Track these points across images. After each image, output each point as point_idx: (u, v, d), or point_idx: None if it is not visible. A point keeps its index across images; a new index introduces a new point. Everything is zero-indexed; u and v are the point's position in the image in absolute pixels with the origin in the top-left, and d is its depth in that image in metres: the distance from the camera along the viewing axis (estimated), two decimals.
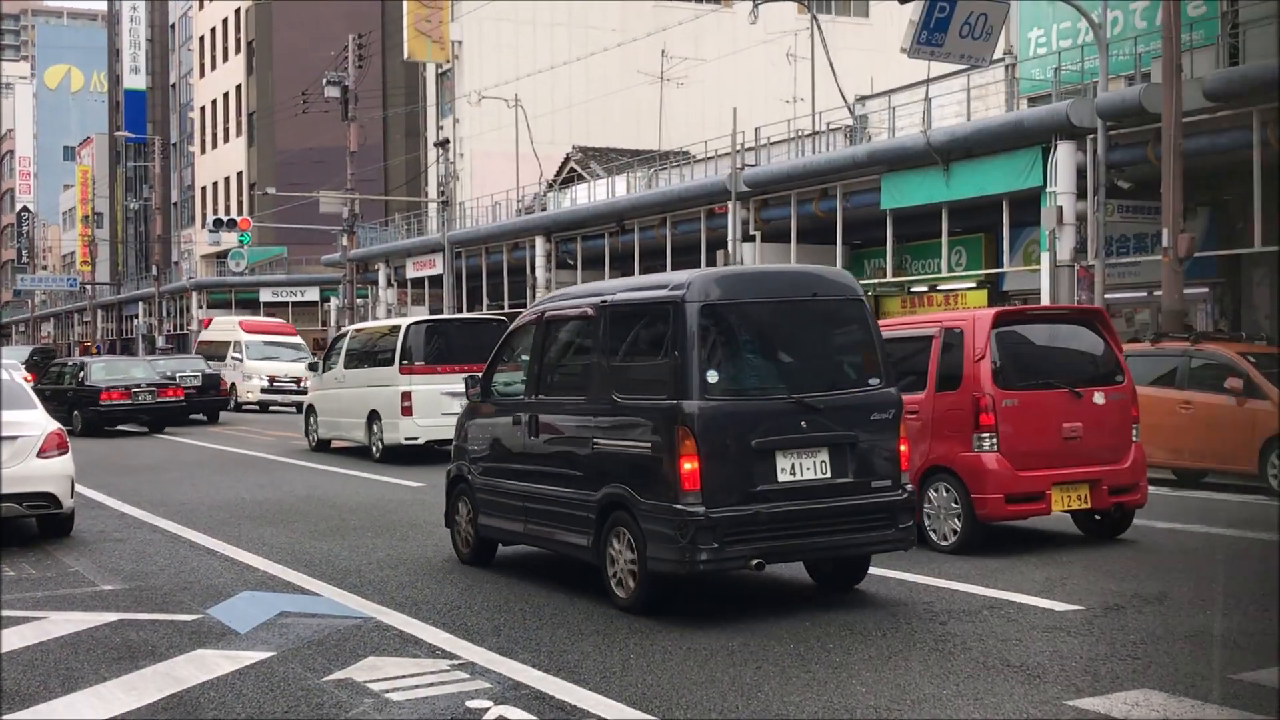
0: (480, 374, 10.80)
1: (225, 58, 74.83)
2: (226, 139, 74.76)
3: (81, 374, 29.00)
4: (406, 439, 19.72)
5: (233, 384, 37.58)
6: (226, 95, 74.58)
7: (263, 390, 38.09)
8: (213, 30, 76.27)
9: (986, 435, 10.62)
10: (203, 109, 78.42)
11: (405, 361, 19.87)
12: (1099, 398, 11.03)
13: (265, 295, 61.60)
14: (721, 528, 8.02)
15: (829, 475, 8.42)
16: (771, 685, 6.51)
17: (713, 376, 8.28)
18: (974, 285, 28.24)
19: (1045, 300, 22.30)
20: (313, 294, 59.99)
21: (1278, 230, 20.54)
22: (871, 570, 9.41)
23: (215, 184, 76.04)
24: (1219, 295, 23.32)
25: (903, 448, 8.75)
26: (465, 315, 33.76)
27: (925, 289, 29.66)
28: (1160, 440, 16.47)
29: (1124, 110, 20.59)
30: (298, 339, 41.66)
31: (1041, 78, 25.97)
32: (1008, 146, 23.01)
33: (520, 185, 44.17)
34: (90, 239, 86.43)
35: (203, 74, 78.31)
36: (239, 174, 72.42)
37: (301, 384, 34.33)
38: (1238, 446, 15.36)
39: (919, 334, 11.56)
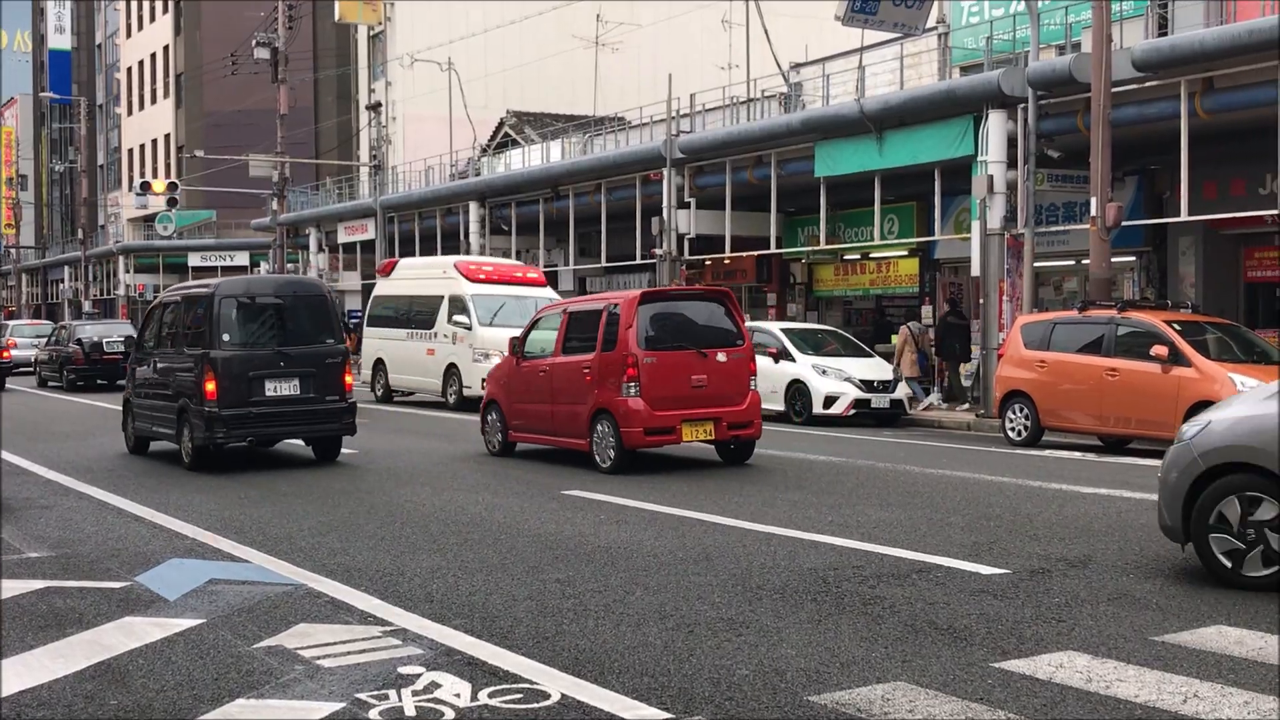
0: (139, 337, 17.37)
1: (152, 17, 73.39)
2: (154, 100, 73.41)
3: None
4: None
5: (449, 367, 24.44)
6: (154, 56, 73.18)
7: None
8: None
9: (632, 384, 13.94)
10: (129, 70, 76.91)
11: None
12: (722, 357, 14.42)
13: (194, 259, 60.73)
14: (227, 420, 14.45)
15: (299, 393, 14.85)
16: (704, 649, 6.55)
17: (227, 336, 14.70)
18: (906, 253, 28.41)
19: (975, 268, 22.49)
20: (242, 259, 59.15)
21: (1204, 200, 20.85)
22: (801, 535, 9.73)
23: (142, 146, 74.69)
24: (1146, 264, 23.63)
25: (348, 378, 15.20)
26: None
27: (858, 256, 29.81)
28: (1086, 407, 16.76)
29: (1054, 79, 20.76)
30: (546, 289, 25.98)
31: (974, 47, 26.11)
32: (940, 115, 23.12)
33: (454, 150, 43.76)
34: (14, 202, 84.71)
35: (129, 34, 76.76)
36: (166, 136, 71.19)
37: None
38: (1162, 413, 15.63)
39: (594, 308, 14.91)
